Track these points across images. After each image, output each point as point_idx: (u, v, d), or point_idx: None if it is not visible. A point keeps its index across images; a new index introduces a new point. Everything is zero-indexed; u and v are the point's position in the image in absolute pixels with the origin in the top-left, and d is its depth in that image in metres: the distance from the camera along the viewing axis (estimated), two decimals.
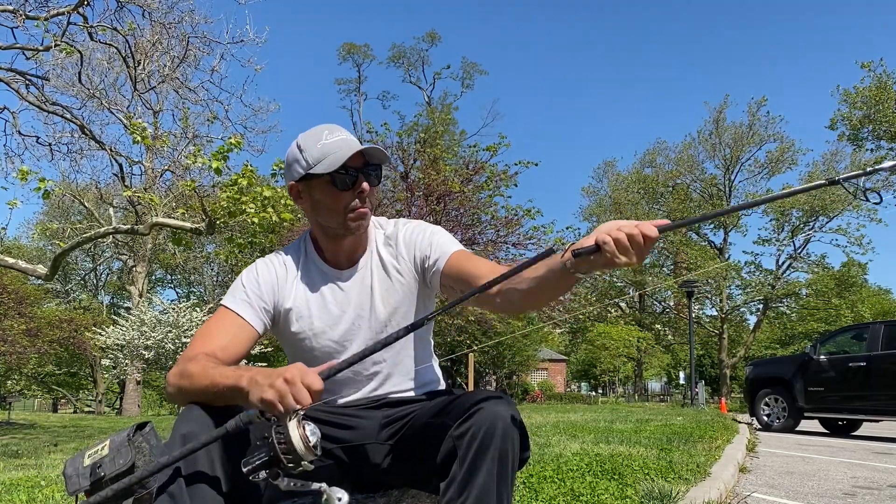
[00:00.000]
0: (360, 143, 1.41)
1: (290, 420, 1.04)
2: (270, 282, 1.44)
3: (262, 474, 1.05)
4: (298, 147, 1.40)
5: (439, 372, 1.61)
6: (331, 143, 1.37)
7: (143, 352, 19.68)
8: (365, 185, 1.38)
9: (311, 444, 1.04)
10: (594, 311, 35.06)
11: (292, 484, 1.09)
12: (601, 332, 34.53)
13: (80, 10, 8.78)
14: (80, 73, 9.33)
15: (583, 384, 44.88)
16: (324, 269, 1.48)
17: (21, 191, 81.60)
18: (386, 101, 43.57)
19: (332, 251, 1.48)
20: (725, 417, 9.81)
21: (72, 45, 8.84)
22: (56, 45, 8.43)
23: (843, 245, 31.32)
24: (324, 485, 1.11)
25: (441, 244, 1.44)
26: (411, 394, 1.49)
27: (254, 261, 1.56)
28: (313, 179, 1.39)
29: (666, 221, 1.11)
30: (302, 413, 1.06)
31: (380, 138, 14.05)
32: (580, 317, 32.91)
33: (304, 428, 1.04)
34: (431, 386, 1.54)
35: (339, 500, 1.10)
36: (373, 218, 1.53)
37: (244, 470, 1.05)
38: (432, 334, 1.66)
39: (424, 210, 12.99)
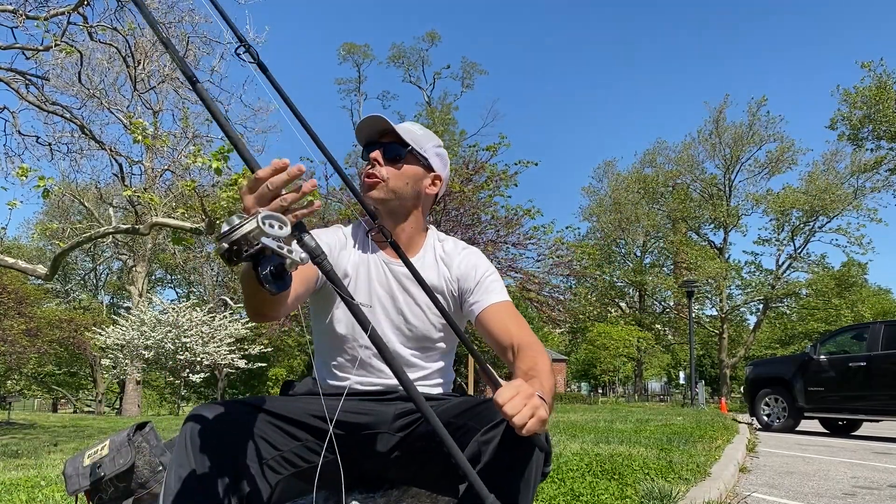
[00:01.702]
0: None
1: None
2: (331, 241, 1.50)
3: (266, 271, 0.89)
4: None
5: (452, 378, 1.62)
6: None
7: (143, 352, 19.69)
8: (375, 153, 1.46)
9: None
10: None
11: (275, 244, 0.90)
12: (601, 331, 34.53)
13: (80, 9, 8.77)
14: (80, 73, 9.33)
15: (583, 384, 44.89)
16: (375, 251, 1.52)
17: (21, 191, 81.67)
18: (386, 101, 43.54)
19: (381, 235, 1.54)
20: (725, 417, 9.81)
21: (72, 45, 8.83)
22: (56, 45, 8.42)
23: (843, 245, 31.35)
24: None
25: (485, 290, 1.45)
26: (428, 391, 1.50)
27: None
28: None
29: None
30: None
31: None
32: (580, 316, 32.87)
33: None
34: (446, 386, 1.56)
35: (304, 260, 0.91)
36: (433, 230, 1.59)
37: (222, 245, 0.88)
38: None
39: (424, 217, 12.98)
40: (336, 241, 1.51)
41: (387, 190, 1.45)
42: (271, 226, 0.89)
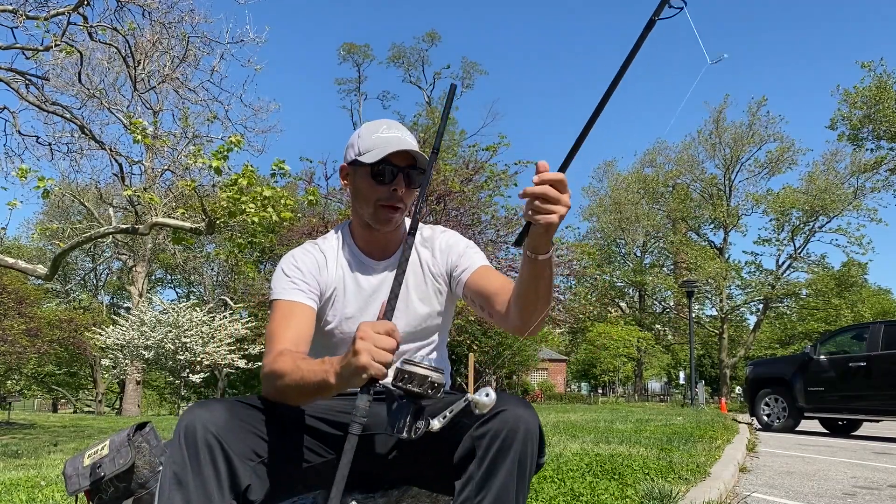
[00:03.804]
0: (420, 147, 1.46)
1: (403, 364, 1.08)
2: (311, 268, 1.47)
3: (419, 427, 1.08)
4: (358, 134, 1.48)
5: (450, 371, 1.62)
6: (384, 137, 1.42)
7: (143, 352, 19.68)
8: (401, 183, 1.42)
9: (433, 366, 1.08)
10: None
11: (442, 420, 1.11)
12: (601, 332, 34.51)
13: (80, 10, 8.78)
14: (80, 73, 9.33)
15: (583, 384, 44.89)
16: (359, 256, 1.52)
17: (21, 191, 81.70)
18: (386, 101, 43.56)
19: (365, 240, 1.52)
20: (725, 417, 9.81)
21: (72, 45, 8.84)
22: (56, 45, 8.43)
23: (843, 245, 31.35)
24: (468, 395, 1.13)
25: (470, 257, 1.51)
26: None
27: (254, 260, 1.59)
28: (360, 167, 1.44)
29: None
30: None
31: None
32: (580, 316, 32.87)
33: (413, 362, 1.08)
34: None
35: (487, 395, 1.10)
36: (408, 221, 1.57)
37: (402, 436, 1.07)
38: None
39: (424, 210, 12.99)
40: (315, 263, 1.48)
41: (401, 215, 1.47)
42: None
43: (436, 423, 1.09)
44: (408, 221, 1.58)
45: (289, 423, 1.31)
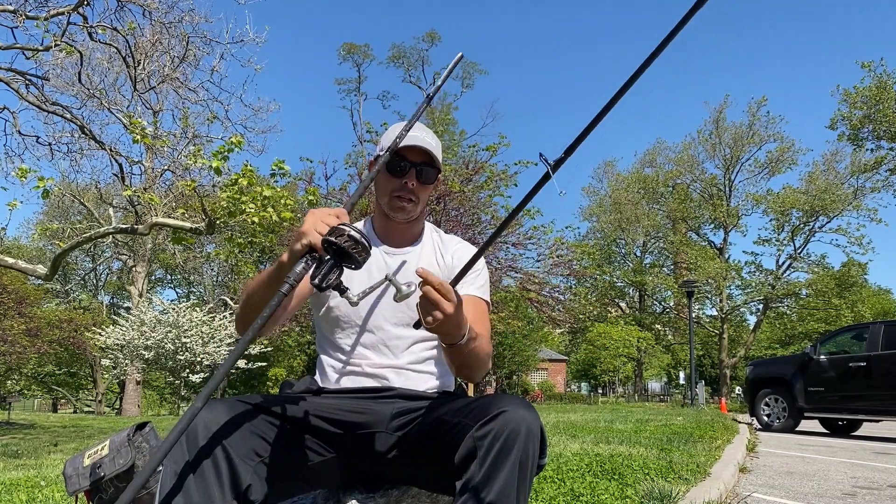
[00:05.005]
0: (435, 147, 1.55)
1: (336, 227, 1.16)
2: None
3: (331, 278, 1.15)
4: (386, 132, 1.59)
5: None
6: (405, 135, 1.48)
7: (143, 352, 19.69)
8: (411, 177, 1.50)
9: (362, 231, 1.16)
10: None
11: (361, 294, 1.19)
12: (601, 332, 34.51)
13: (80, 9, 8.78)
14: (80, 73, 9.33)
15: (583, 384, 44.89)
16: (375, 242, 1.58)
17: (21, 191, 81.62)
18: (386, 101, 43.46)
19: (383, 229, 1.61)
20: (725, 417, 9.82)
21: (72, 45, 8.84)
22: (56, 45, 8.43)
23: (843, 245, 31.34)
24: (388, 273, 1.21)
25: (465, 281, 1.53)
26: (426, 388, 1.50)
27: (254, 260, 1.61)
28: (381, 160, 1.51)
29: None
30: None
31: (380, 138, 14.07)
32: (580, 316, 32.84)
33: (345, 224, 1.18)
34: (446, 385, 1.56)
35: (408, 286, 1.17)
36: (428, 223, 1.69)
37: (315, 283, 1.13)
38: None
39: (425, 210, 12.98)
40: None
41: (414, 207, 1.54)
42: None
43: (354, 298, 1.17)
44: (429, 226, 1.67)
45: (289, 423, 1.31)
